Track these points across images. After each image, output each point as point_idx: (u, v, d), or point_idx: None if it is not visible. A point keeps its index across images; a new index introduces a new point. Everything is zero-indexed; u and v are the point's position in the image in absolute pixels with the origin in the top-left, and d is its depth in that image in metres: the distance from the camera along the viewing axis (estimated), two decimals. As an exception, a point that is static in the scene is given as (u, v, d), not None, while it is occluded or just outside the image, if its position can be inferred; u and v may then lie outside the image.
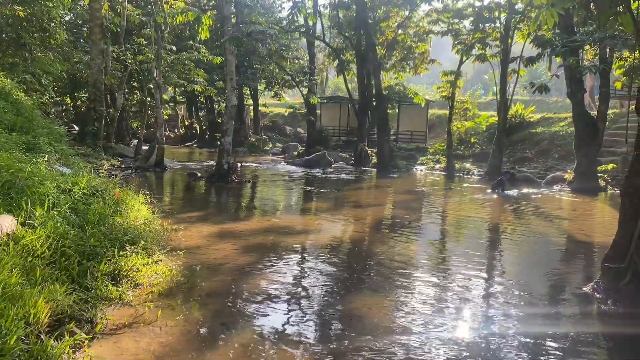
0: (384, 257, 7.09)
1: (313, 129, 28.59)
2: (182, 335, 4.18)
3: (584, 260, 7.64)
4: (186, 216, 9.29)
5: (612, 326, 4.87)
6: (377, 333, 4.38)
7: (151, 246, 6.11)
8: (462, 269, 6.57)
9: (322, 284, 5.84)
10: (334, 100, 34.86)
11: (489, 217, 11.53)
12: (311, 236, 8.61)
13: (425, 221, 10.78)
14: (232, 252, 6.90)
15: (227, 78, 15.34)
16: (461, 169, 20.79)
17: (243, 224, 9.05)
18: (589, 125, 15.75)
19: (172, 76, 22.03)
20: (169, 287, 5.21)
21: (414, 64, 26.48)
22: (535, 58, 17.06)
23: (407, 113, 30.67)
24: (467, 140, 25.47)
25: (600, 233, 9.40)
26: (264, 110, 42.06)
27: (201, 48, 21.70)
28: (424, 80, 54.61)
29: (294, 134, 37.93)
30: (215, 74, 27.67)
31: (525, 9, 17.33)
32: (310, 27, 27.97)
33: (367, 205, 12.64)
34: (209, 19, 13.57)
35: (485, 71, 41.65)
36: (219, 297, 5.13)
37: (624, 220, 5.45)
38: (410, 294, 5.51)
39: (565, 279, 6.47)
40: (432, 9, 22.09)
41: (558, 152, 21.37)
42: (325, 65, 38.82)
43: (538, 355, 4.10)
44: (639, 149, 5.36)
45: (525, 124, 25.12)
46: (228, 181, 14.77)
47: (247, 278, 5.81)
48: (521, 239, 9.06)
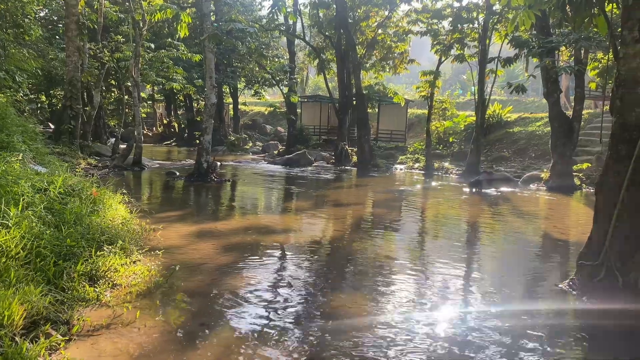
0: (364, 255, 7.12)
1: (293, 128, 28.55)
2: (161, 335, 4.14)
3: (560, 258, 7.77)
4: (165, 216, 9.20)
5: (587, 321, 4.97)
6: (357, 331, 4.40)
7: (129, 246, 6.05)
8: (441, 266, 6.64)
9: (303, 282, 5.84)
10: (315, 99, 34.87)
11: (467, 215, 11.66)
12: (292, 235, 8.60)
13: (404, 220, 10.85)
14: (212, 252, 6.85)
15: (207, 76, 15.23)
16: (440, 168, 20.98)
17: (223, 224, 8.99)
18: (565, 125, 16.03)
19: (150, 74, 21.74)
20: (148, 287, 5.15)
21: (393, 64, 26.64)
22: (513, 59, 17.33)
23: (387, 112, 30.83)
24: (446, 139, 25.72)
25: (576, 231, 9.58)
26: (243, 108, 41.87)
27: (180, 46, 21.47)
28: (404, 80, 55.02)
29: (274, 132, 37.82)
30: (195, 72, 27.44)
31: (502, 10, 17.55)
32: (290, 26, 27.91)
33: (347, 204, 12.67)
34: (188, 17, 13.46)
35: (464, 71, 42.10)
36: (199, 297, 5.09)
37: (599, 218, 5.57)
38: (390, 292, 5.55)
39: (542, 276, 6.58)
40: (412, 9, 22.25)
41: (535, 151, 21.73)
42: (306, 64, 38.82)
43: (515, 349, 4.16)
44: (613, 148, 5.48)
45: (502, 124, 25.48)
46: (207, 180, 14.67)
47: (226, 278, 5.77)
48: (499, 237, 9.19)
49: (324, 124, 33.63)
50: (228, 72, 30.36)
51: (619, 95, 5.42)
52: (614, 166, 5.42)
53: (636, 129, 5.23)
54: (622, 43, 5.39)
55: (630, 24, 5.25)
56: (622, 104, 5.37)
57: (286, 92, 27.94)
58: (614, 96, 5.55)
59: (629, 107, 5.29)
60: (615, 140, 5.45)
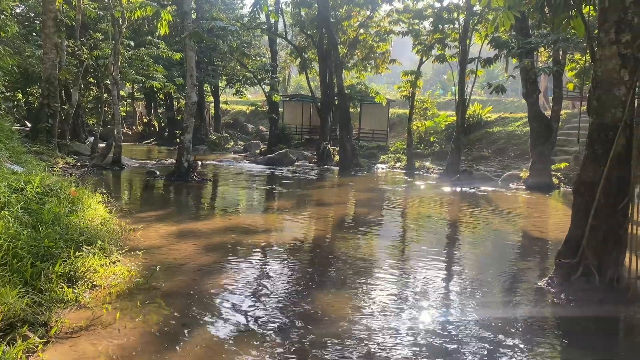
0: (346, 254, 7.13)
1: (275, 127, 28.49)
2: (142, 337, 4.09)
3: (538, 256, 7.89)
4: (145, 215, 9.10)
5: (565, 319, 5.06)
6: (340, 330, 4.40)
7: (109, 246, 5.97)
8: (423, 265, 6.69)
9: (285, 282, 5.83)
10: (297, 98, 34.83)
11: (447, 214, 11.76)
12: (273, 235, 8.58)
13: (386, 219, 10.91)
14: (193, 252, 6.80)
15: (187, 74, 15.10)
16: (421, 167, 21.14)
17: (204, 223, 8.93)
18: (543, 125, 16.27)
19: (130, 72, 21.47)
20: (128, 288, 5.09)
21: (375, 64, 26.75)
22: (493, 59, 17.53)
23: (368, 112, 30.95)
24: (427, 139, 25.92)
25: (554, 229, 9.73)
26: (225, 107, 41.59)
27: (160, 44, 21.24)
28: (385, 80, 55.28)
29: (256, 131, 37.69)
30: (175, 70, 27.20)
31: (483, 11, 17.74)
32: (272, 25, 27.81)
33: (329, 203, 12.69)
34: (169, 14, 13.33)
35: (444, 71, 42.45)
36: (180, 297, 5.04)
37: (576, 217, 5.66)
38: (371, 291, 5.57)
39: (521, 274, 6.67)
40: (393, 9, 22.36)
41: (514, 150, 22.02)
42: (288, 63, 38.71)
43: (495, 346, 4.21)
44: (590, 147, 5.57)
45: (482, 124, 25.77)
46: (188, 180, 14.56)
47: (208, 278, 5.73)
48: (479, 235, 9.29)
49: (306, 123, 33.62)
50: (209, 71, 30.16)
51: (595, 96, 5.52)
52: (591, 165, 5.52)
53: (612, 129, 5.33)
54: (599, 45, 5.49)
55: (607, 26, 5.35)
56: (599, 104, 5.46)
57: (268, 91, 27.87)
58: (591, 97, 5.65)
59: (606, 107, 5.39)
60: (592, 140, 5.54)
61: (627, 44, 5.23)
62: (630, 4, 5.21)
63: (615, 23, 5.28)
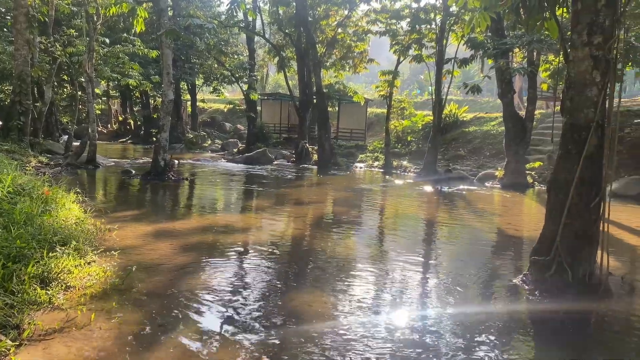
0: (324, 253, 7.14)
1: (253, 126, 28.37)
2: (117, 338, 4.03)
3: (514, 254, 8.02)
4: (121, 215, 8.97)
5: (539, 315, 5.15)
6: (318, 330, 4.41)
7: (83, 247, 5.87)
8: (400, 263, 6.74)
9: (263, 282, 5.80)
10: (275, 97, 34.74)
11: (424, 213, 11.87)
12: (251, 234, 8.55)
13: (364, 217, 10.95)
14: (170, 252, 6.72)
15: (164, 72, 14.93)
16: (398, 166, 21.29)
17: (181, 223, 8.84)
18: (518, 125, 16.54)
19: (105, 69, 21.12)
20: (103, 289, 5.01)
21: (353, 63, 26.86)
22: (469, 59, 17.76)
23: (347, 111, 31.04)
24: (404, 138, 26.12)
25: (529, 227, 9.90)
26: (202, 106, 41.26)
27: (136, 41, 20.95)
28: (363, 79, 55.52)
29: (234, 130, 37.48)
30: (151, 67, 26.86)
31: (459, 12, 17.95)
32: (249, 23, 27.66)
33: (308, 202, 12.69)
34: (145, 11, 13.13)
35: (421, 71, 42.81)
36: (156, 298, 4.98)
37: (550, 215, 5.76)
38: (349, 289, 5.59)
39: (497, 272, 6.77)
40: (371, 9, 22.47)
41: (489, 150, 22.33)
42: (266, 62, 38.62)
43: (471, 341, 4.27)
44: (563, 147, 5.68)
45: (458, 123, 26.08)
46: (165, 179, 14.40)
47: (185, 278, 5.68)
48: (456, 233, 9.39)
49: (284, 122, 33.56)
50: (186, 69, 29.86)
51: (569, 96, 5.63)
52: (564, 165, 5.63)
53: (585, 129, 5.45)
54: (572, 46, 5.60)
55: (580, 28, 5.46)
56: (572, 104, 5.57)
57: (246, 89, 27.73)
58: (564, 97, 5.76)
59: (579, 108, 5.50)
60: (566, 140, 5.65)
61: (598, 45, 5.35)
62: (602, 7, 5.32)
63: (587, 25, 5.39)
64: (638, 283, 6.27)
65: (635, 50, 16.39)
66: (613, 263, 6.11)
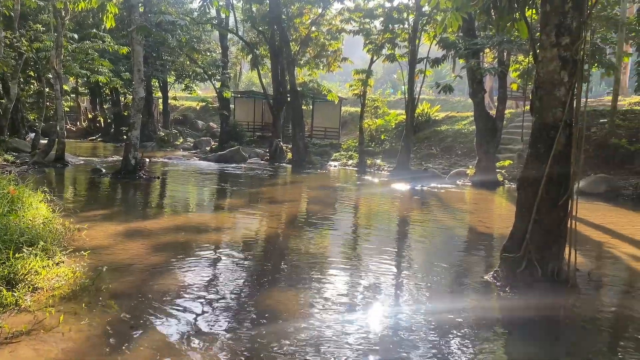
0: (298, 252, 7.14)
1: (226, 124, 28.14)
2: (87, 340, 3.95)
3: (485, 251, 8.15)
4: (90, 215, 8.78)
5: (509, 311, 5.24)
6: (293, 328, 4.40)
7: (52, 247, 5.73)
8: (374, 261, 6.77)
9: (237, 281, 5.76)
10: (248, 94, 34.54)
11: (398, 211, 11.97)
12: (225, 233, 8.48)
13: (338, 216, 10.98)
14: (141, 252, 6.62)
15: (135, 69, 14.69)
16: (372, 165, 21.42)
17: (152, 222, 8.71)
18: (489, 124, 16.82)
19: (73, 66, 20.64)
20: (72, 290, 4.90)
21: (327, 62, 26.87)
22: (441, 59, 17.98)
23: (321, 110, 31.08)
24: (378, 137, 26.29)
25: (500, 224, 10.08)
26: (174, 103, 40.75)
27: (106, 37, 20.53)
28: (337, 78, 55.63)
29: (207, 128, 37.12)
30: (122, 64, 26.38)
31: (431, 12, 18.12)
32: (222, 20, 27.43)
33: (282, 201, 12.65)
34: (115, 7, 12.86)
35: (394, 71, 43.14)
36: (128, 298, 4.90)
37: (520, 212, 5.88)
38: (323, 287, 5.60)
39: (469, 268, 6.87)
40: (345, 8, 22.51)
41: (461, 148, 22.66)
42: (239, 59, 38.32)
43: (442, 337, 4.32)
44: (533, 146, 5.80)
45: (431, 122, 26.39)
46: (136, 177, 14.18)
47: (157, 278, 5.60)
48: (428, 231, 9.50)
49: (258, 121, 33.39)
50: (157, 66, 29.44)
51: (538, 96, 5.74)
52: (533, 163, 5.74)
53: (554, 129, 5.57)
54: (541, 47, 5.71)
55: (548, 29, 5.58)
56: (541, 104, 5.69)
57: (219, 87, 27.49)
58: (533, 97, 5.87)
59: (547, 107, 5.62)
60: (535, 139, 5.77)
61: (566, 46, 5.47)
62: (569, 9, 5.45)
63: (555, 26, 5.51)
64: (604, 278, 6.44)
65: (600, 52, 16.84)
66: (580, 259, 6.27)
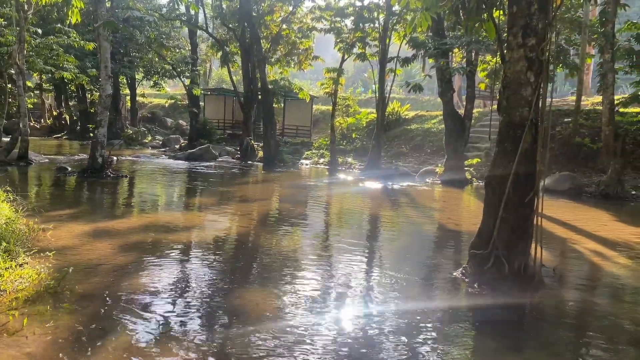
0: (270, 251, 7.11)
1: (196, 122, 27.80)
2: (53, 343, 3.85)
3: (454, 248, 8.28)
4: (56, 214, 8.56)
5: (477, 306, 5.34)
6: (264, 327, 4.38)
7: (15, 248, 5.57)
8: (345, 259, 6.81)
9: (207, 280, 5.71)
10: (219, 92, 34.20)
11: (369, 209, 12.05)
12: (195, 232, 8.38)
13: (310, 214, 10.99)
14: (109, 252, 6.49)
15: (101, 65, 14.39)
16: (344, 163, 21.50)
17: (120, 222, 8.54)
18: (457, 123, 17.08)
19: (37, 61, 20.04)
20: (37, 292, 4.77)
21: (298, 60, 26.81)
22: (411, 59, 18.16)
23: (292, 108, 31.01)
24: (349, 135, 26.40)
25: (468, 222, 10.25)
26: (142, 100, 40.06)
27: (71, 32, 20.00)
28: (309, 76, 55.62)
29: (176, 126, 36.63)
30: (88, 60, 25.78)
31: (402, 12, 18.28)
32: (192, 16, 27.07)
33: (253, 200, 12.58)
34: (80, 2, 12.55)
35: (365, 70, 43.37)
36: (95, 300, 4.79)
37: (488, 210, 5.98)
38: (293, 287, 5.59)
39: (438, 265, 6.97)
40: (315, 6, 22.51)
41: (430, 147, 22.95)
42: (209, 56, 37.89)
43: (413, 334, 4.37)
44: (500, 144, 5.91)
45: (401, 121, 26.64)
46: (103, 176, 13.89)
47: (126, 279, 5.49)
48: (398, 229, 9.60)
49: (228, 118, 33.10)
50: (125, 62, 28.88)
51: (505, 95, 5.86)
52: (501, 161, 5.85)
53: (520, 127, 5.69)
54: (508, 47, 5.83)
55: (515, 30, 5.69)
56: (508, 104, 5.81)
57: (188, 84, 27.12)
58: (501, 96, 5.99)
59: (514, 107, 5.73)
60: (502, 138, 5.88)
61: (532, 47, 5.60)
62: (535, 11, 5.57)
63: (522, 28, 5.63)
64: (568, 274, 6.63)
65: (565, 53, 17.29)
66: (546, 255, 6.43)
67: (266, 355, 3.87)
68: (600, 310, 5.39)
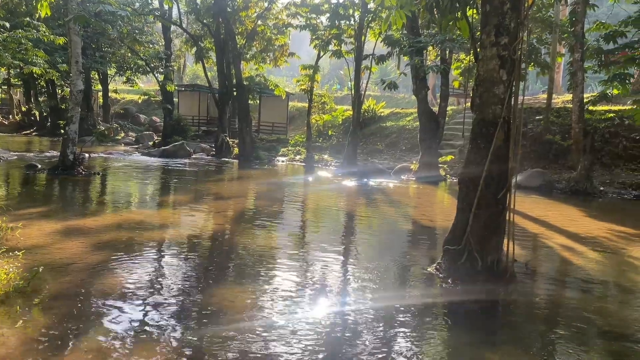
0: (245, 248, 7.08)
1: (170, 118, 27.46)
2: (22, 345, 3.75)
3: (428, 244, 8.37)
4: (25, 212, 8.36)
5: (451, 301, 5.42)
6: (240, 325, 4.36)
7: (-19, 248, 5.41)
8: (320, 255, 6.82)
9: (182, 279, 5.65)
10: (193, 88, 33.83)
11: (344, 205, 12.10)
12: (169, 231, 8.28)
13: (286, 211, 10.97)
14: (81, 251, 6.36)
15: (72, 60, 14.08)
16: (320, 160, 21.51)
17: (93, 220, 8.39)
18: (432, 120, 17.26)
19: (5, 56, 19.49)
20: (5, 292, 4.64)
21: (274, 56, 26.73)
22: (386, 56, 18.26)
23: (268, 104, 30.88)
24: (325, 132, 26.44)
25: (442, 218, 10.38)
26: (114, 96, 39.36)
27: (41, 26, 19.50)
28: (285, 73, 55.40)
29: (149, 122, 36.12)
30: (59, 55, 25.21)
31: (377, 9, 18.36)
32: (165, 11, 26.70)
33: (228, 197, 12.50)
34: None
35: (341, 67, 43.45)
36: (67, 299, 4.70)
37: (461, 206, 6.07)
38: (269, 284, 5.58)
39: (412, 261, 7.04)
40: (291, 2, 22.45)
41: (405, 144, 23.14)
42: (183, 52, 37.48)
43: (388, 329, 4.41)
44: (473, 141, 6.00)
45: (376, 118, 26.80)
46: (74, 173, 13.61)
47: (98, 278, 5.40)
48: (373, 225, 9.66)
49: (203, 115, 32.80)
50: (97, 57, 28.34)
51: (478, 93, 5.94)
52: (474, 158, 5.94)
53: (493, 125, 5.78)
54: (481, 46, 5.91)
55: (488, 29, 5.78)
56: (481, 102, 5.89)
57: (162, 80, 26.77)
58: (474, 94, 6.07)
59: (487, 105, 5.82)
60: (475, 135, 5.97)
61: (505, 46, 5.69)
62: (508, 10, 5.67)
63: (495, 27, 5.72)
64: (539, 268, 6.77)
65: (536, 52, 17.62)
66: (518, 250, 6.56)
67: (242, 353, 3.86)
68: (570, 304, 5.53)
